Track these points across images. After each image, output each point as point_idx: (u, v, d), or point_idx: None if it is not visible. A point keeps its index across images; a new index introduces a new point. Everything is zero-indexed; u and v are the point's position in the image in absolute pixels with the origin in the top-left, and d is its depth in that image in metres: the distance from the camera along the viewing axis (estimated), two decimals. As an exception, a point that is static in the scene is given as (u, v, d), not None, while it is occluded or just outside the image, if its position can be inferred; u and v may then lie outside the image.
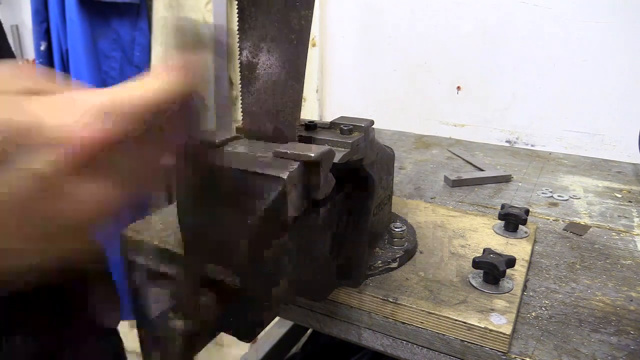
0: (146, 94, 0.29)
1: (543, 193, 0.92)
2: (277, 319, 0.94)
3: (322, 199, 0.44)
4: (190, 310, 0.38)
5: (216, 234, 0.41)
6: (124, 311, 0.79)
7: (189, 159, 0.34)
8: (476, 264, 0.57)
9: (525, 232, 0.70)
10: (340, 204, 0.55)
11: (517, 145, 1.27)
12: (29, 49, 2.16)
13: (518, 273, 0.60)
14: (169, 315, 0.37)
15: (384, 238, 0.64)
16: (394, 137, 1.35)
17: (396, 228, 0.63)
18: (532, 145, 1.25)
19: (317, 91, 1.51)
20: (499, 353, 0.49)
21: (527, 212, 0.70)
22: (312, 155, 0.41)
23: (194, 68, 0.30)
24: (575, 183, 0.98)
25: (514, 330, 0.52)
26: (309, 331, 1.42)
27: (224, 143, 0.45)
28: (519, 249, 0.66)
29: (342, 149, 0.47)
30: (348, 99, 1.51)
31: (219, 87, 1.60)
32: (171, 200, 0.46)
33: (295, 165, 0.40)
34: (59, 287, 0.71)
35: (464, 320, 0.51)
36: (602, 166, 1.09)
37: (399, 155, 1.14)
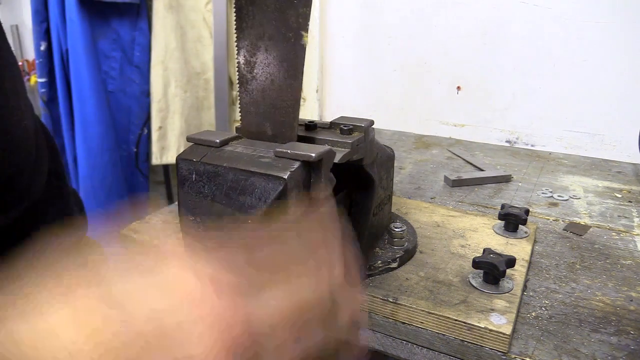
0: None
1: (543, 193, 0.92)
2: (277, 319, 0.94)
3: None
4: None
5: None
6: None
7: None
8: (476, 264, 0.57)
9: (525, 232, 0.70)
10: (341, 203, 0.55)
11: (517, 145, 1.27)
12: (29, 49, 2.16)
13: (518, 273, 0.60)
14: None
15: (384, 238, 0.64)
16: (394, 137, 1.34)
17: (396, 228, 0.63)
18: (532, 145, 1.25)
19: (317, 91, 1.51)
20: (499, 353, 0.49)
21: (527, 212, 0.69)
22: (312, 155, 0.40)
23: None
24: (575, 183, 0.98)
25: (514, 330, 0.51)
26: (308, 331, 1.42)
27: (224, 143, 0.45)
28: (519, 249, 0.66)
29: (342, 149, 0.47)
30: (348, 99, 1.51)
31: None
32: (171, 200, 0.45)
33: (296, 165, 0.40)
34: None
35: (464, 320, 0.51)
36: (602, 166, 1.09)
37: (399, 155, 1.14)
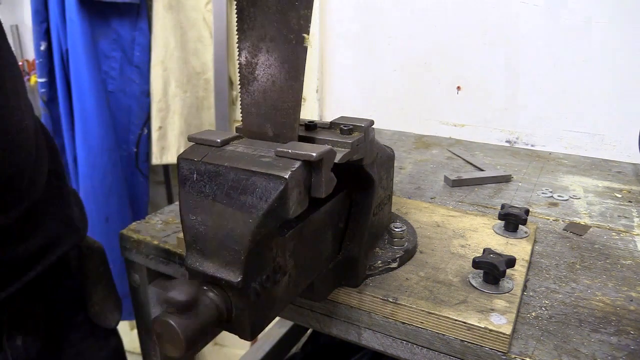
0: None
1: (543, 193, 0.92)
2: (277, 319, 0.94)
3: (323, 198, 0.44)
4: (191, 310, 0.38)
5: (219, 233, 0.41)
6: (123, 311, 0.79)
7: None
8: (476, 264, 0.57)
9: (525, 232, 0.70)
10: (341, 203, 0.55)
11: (517, 145, 1.27)
12: (29, 49, 2.16)
13: (518, 273, 0.60)
14: (169, 315, 0.37)
15: (384, 238, 0.64)
16: (394, 137, 1.35)
17: (396, 228, 0.63)
18: (532, 145, 1.25)
19: (317, 91, 1.51)
20: (499, 353, 0.49)
21: (527, 212, 0.70)
22: (313, 154, 0.41)
23: None
24: (575, 183, 0.98)
25: (514, 330, 0.52)
26: (309, 331, 1.42)
27: (225, 142, 0.45)
28: (519, 249, 0.66)
29: (342, 149, 0.47)
30: (348, 99, 1.51)
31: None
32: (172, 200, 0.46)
33: (297, 164, 0.40)
34: (60, 288, 0.71)
35: (464, 320, 0.51)
36: (602, 166, 1.09)
37: (399, 155, 1.14)
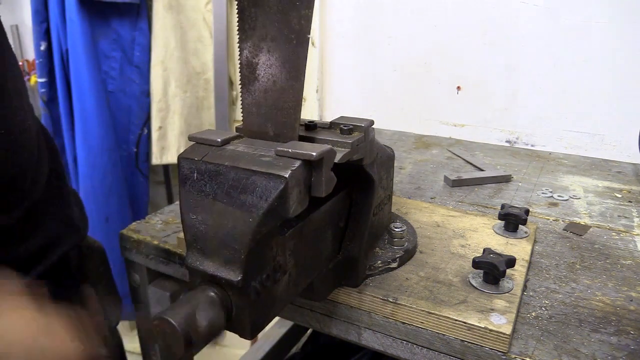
0: None
1: (543, 193, 0.92)
2: (277, 319, 0.94)
3: (323, 197, 0.44)
4: (191, 310, 0.38)
5: (219, 232, 0.41)
6: (123, 311, 0.79)
7: None
8: (476, 264, 0.57)
9: (525, 232, 0.70)
10: (341, 203, 0.55)
11: (517, 145, 1.27)
12: (29, 49, 2.16)
13: (518, 273, 0.60)
14: (169, 315, 0.37)
15: (384, 238, 0.64)
16: (394, 137, 1.35)
17: (396, 228, 0.63)
18: (532, 145, 1.26)
19: (317, 91, 1.51)
20: (499, 353, 0.49)
21: (527, 212, 0.70)
22: (313, 154, 0.41)
23: None
24: (575, 183, 0.98)
25: (514, 330, 0.52)
26: (309, 331, 1.42)
27: (226, 142, 0.45)
28: (519, 249, 0.66)
29: (342, 149, 0.47)
30: (348, 99, 1.51)
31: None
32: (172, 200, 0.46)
33: (297, 164, 0.40)
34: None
35: (464, 320, 0.51)
36: (602, 166, 1.09)
37: (399, 155, 1.14)
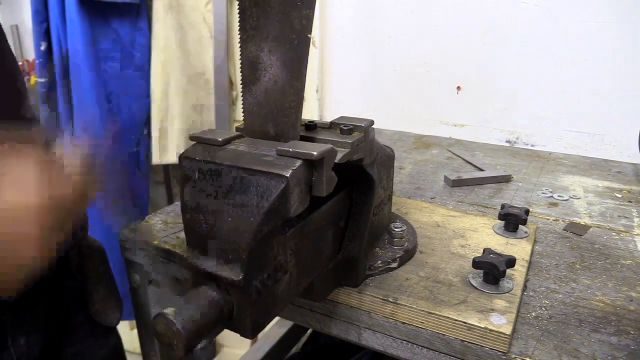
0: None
1: (543, 193, 0.92)
2: (277, 318, 0.94)
3: (323, 197, 0.44)
4: (192, 309, 0.38)
5: (220, 231, 0.41)
6: (123, 311, 0.79)
7: None
8: (476, 264, 0.57)
9: (525, 232, 0.70)
10: (341, 203, 0.56)
11: (517, 145, 1.27)
12: (29, 49, 2.16)
13: (518, 273, 0.60)
14: (169, 315, 0.37)
15: (384, 238, 0.64)
16: (394, 137, 1.35)
17: (396, 228, 0.63)
18: (532, 145, 1.26)
19: (317, 91, 1.51)
20: (499, 353, 0.49)
21: (527, 212, 0.70)
22: (314, 153, 0.41)
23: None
24: (575, 183, 0.98)
25: (514, 330, 0.52)
26: (309, 331, 1.42)
27: (227, 142, 0.45)
28: (519, 249, 0.66)
29: (342, 149, 0.47)
30: (348, 99, 1.51)
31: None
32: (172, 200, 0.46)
33: (298, 163, 0.40)
34: (60, 287, 0.71)
35: (464, 320, 0.51)
36: (602, 166, 1.09)
37: (399, 155, 1.14)
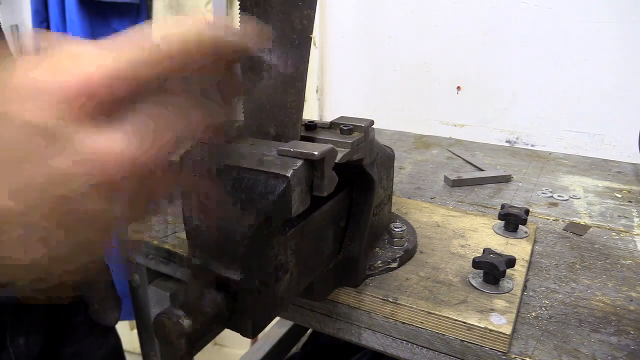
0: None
1: (543, 193, 0.92)
2: (277, 318, 0.94)
3: (324, 197, 0.44)
4: (192, 309, 0.38)
5: (220, 231, 0.41)
6: (123, 311, 0.79)
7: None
8: (476, 264, 0.57)
9: (525, 232, 0.70)
10: (342, 203, 0.56)
11: (517, 145, 1.27)
12: (29, 49, 2.16)
13: (518, 273, 0.60)
14: (169, 315, 0.37)
15: (384, 238, 0.64)
16: (394, 137, 1.35)
17: (396, 228, 0.63)
18: (532, 145, 1.26)
19: (317, 91, 1.51)
20: (499, 353, 0.49)
21: (527, 212, 0.70)
22: (315, 153, 0.41)
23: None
24: (575, 183, 0.98)
25: (514, 330, 0.52)
26: (309, 331, 1.42)
27: (227, 141, 0.45)
28: (519, 249, 0.66)
29: (342, 149, 0.47)
30: (348, 99, 1.51)
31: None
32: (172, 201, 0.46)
33: (299, 163, 0.40)
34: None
35: (463, 320, 0.51)
36: (602, 166, 1.09)
37: (399, 155, 1.14)
